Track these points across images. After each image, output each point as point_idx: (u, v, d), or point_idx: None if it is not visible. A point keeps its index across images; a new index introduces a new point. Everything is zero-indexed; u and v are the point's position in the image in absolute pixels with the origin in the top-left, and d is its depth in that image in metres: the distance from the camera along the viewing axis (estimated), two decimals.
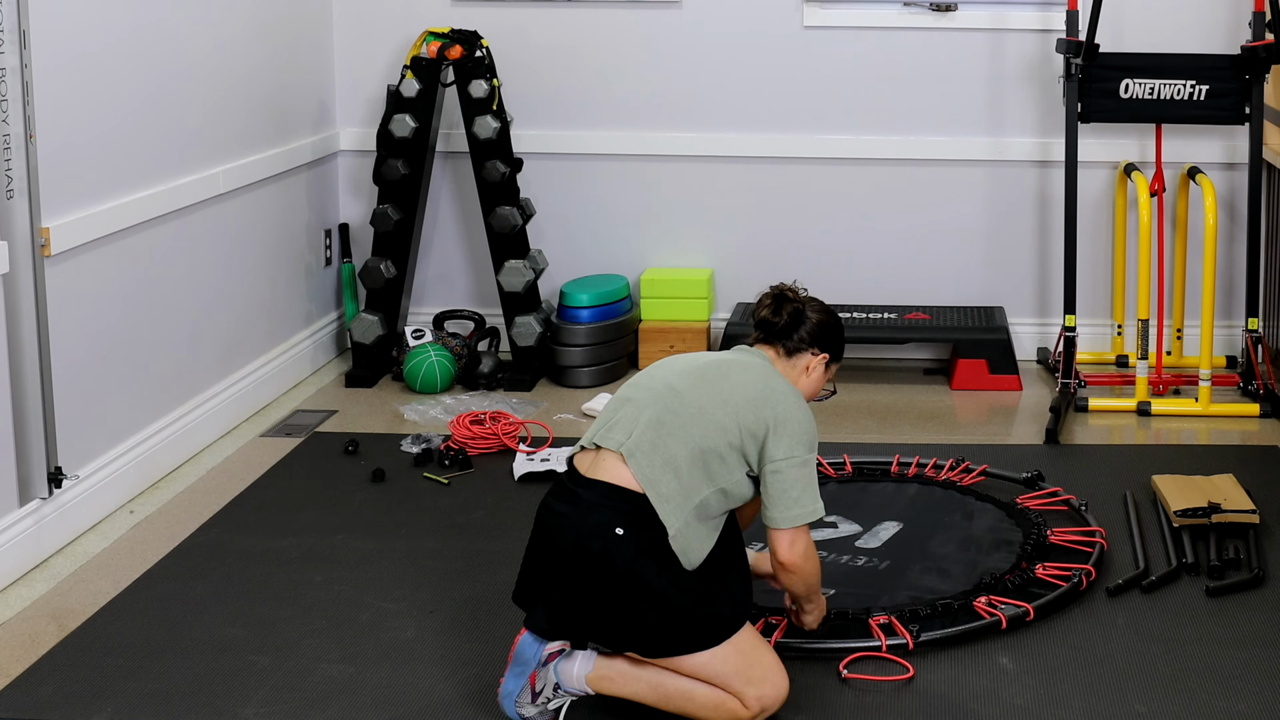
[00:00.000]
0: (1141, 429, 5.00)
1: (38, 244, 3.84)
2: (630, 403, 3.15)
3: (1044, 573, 3.70)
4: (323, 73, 5.78)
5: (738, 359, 3.23)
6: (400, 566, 3.86)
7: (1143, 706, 3.15)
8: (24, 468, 3.87)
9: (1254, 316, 5.24)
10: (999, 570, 3.74)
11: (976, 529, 4.04)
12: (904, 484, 4.36)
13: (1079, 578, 3.66)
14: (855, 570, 3.80)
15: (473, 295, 5.94)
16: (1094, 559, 3.79)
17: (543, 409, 5.18)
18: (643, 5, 5.75)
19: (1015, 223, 5.77)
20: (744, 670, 3.03)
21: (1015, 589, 3.63)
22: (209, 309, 4.85)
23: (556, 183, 5.85)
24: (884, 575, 3.77)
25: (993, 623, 3.47)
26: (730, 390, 3.11)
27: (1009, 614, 3.50)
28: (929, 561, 3.83)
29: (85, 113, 4.13)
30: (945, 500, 4.24)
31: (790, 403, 3.12)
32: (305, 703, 3.18)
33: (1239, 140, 5.53)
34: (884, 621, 3.45)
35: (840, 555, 3.88)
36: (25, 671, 3.31)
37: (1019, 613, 3.51)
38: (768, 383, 3.14)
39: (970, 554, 3.88)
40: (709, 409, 3.08)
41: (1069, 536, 3.92)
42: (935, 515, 4.14)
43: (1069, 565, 3.74)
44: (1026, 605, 3.53)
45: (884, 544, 3.95)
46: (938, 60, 5.69)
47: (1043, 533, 3.93)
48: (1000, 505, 4.16)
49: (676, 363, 3.23)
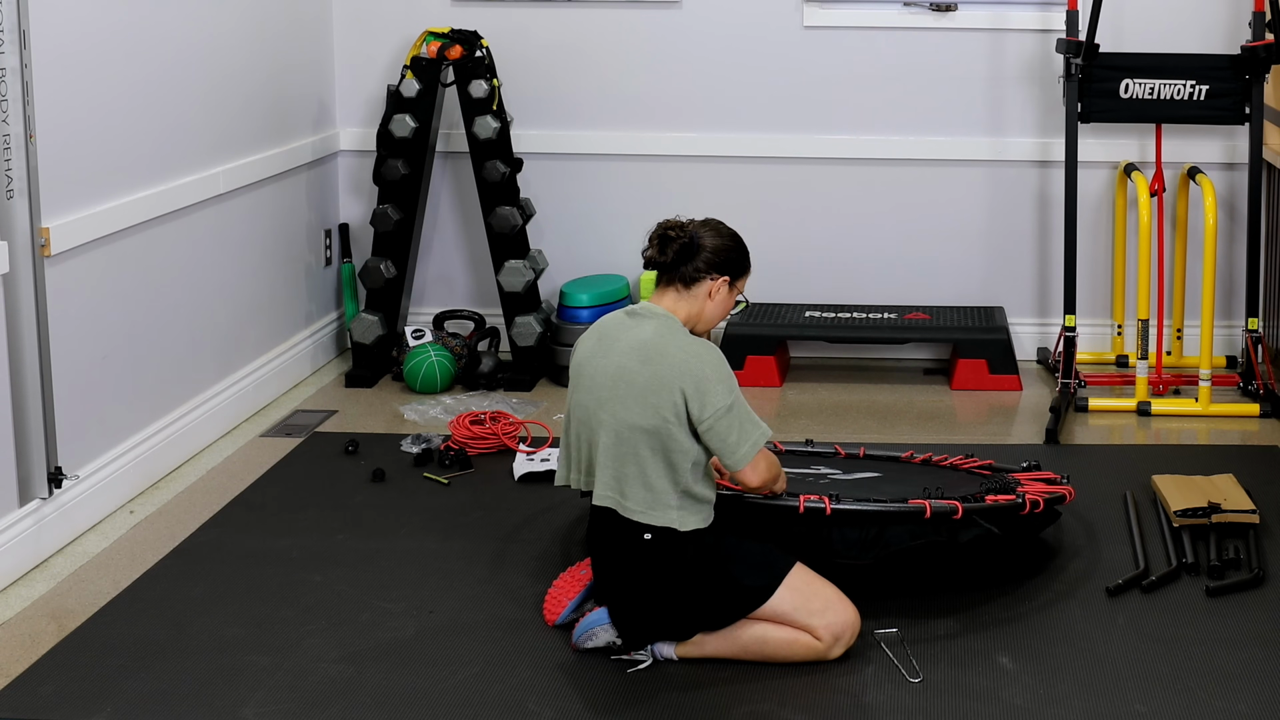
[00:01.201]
0: (1141, 429, 5.00)
1: (38, 244, 3.84)
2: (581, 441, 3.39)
3: (991, 500, 3.68)
4: (323, 73, 5.78)
5: (632, 343, 3.32)
6: (400, 566, 3.86)
7: (1143, 706, 3.15)
8: (24, 468, 3.87)
9: (1254, 316, 5.24)
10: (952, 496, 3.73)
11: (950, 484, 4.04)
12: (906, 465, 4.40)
13: (1022, 499, 3.65)
14: (817, 485, 3.90)
15: (473, 295, 5.94)
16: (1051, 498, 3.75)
17: (543, 409, 5.18)
18: (643, 5, 5.75)
19: (1015, 223, 5.77)
20: (804, 605, 3.28)
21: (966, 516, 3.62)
22: (209, 309, 4.85)
23: (556, 183, 5.85)
24: (837, 485, 3.86)
25: (916, 510, 3.49)
26: (642, 387, 3.27)
27: (937, 509, 3.51)
28: (887, 492, 3.83)
29: (85, 113, 4.13)
30: (936, 472, 4.27)
31: (688, 364, 3.27)
32: (305, 703, 3.18)
33: (1239, 140, 5.53)
34: (813, 499, 3.49)
35: (807, 478, 3.99)
36: (25, 671, 3.31)
37: (947, 509, 3.52)
38: (663, 356, 3.28)
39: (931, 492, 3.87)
40: (636, 415, 3.27)
41: (1038, 485, 3.89)
42: (918, 475, 4.15)
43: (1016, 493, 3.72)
44: (956, 503, 3.55)
45: (853, 480, 4.02)
46: (938, 60, 5.69)
47: (1013, 482, 3.92)
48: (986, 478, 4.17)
49: (596, 378, 3.35)
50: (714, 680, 3.26)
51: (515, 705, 3.16)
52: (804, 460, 4.26)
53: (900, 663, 3.31)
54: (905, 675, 3.27)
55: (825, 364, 5.71)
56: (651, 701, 3.18)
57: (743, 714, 3.14)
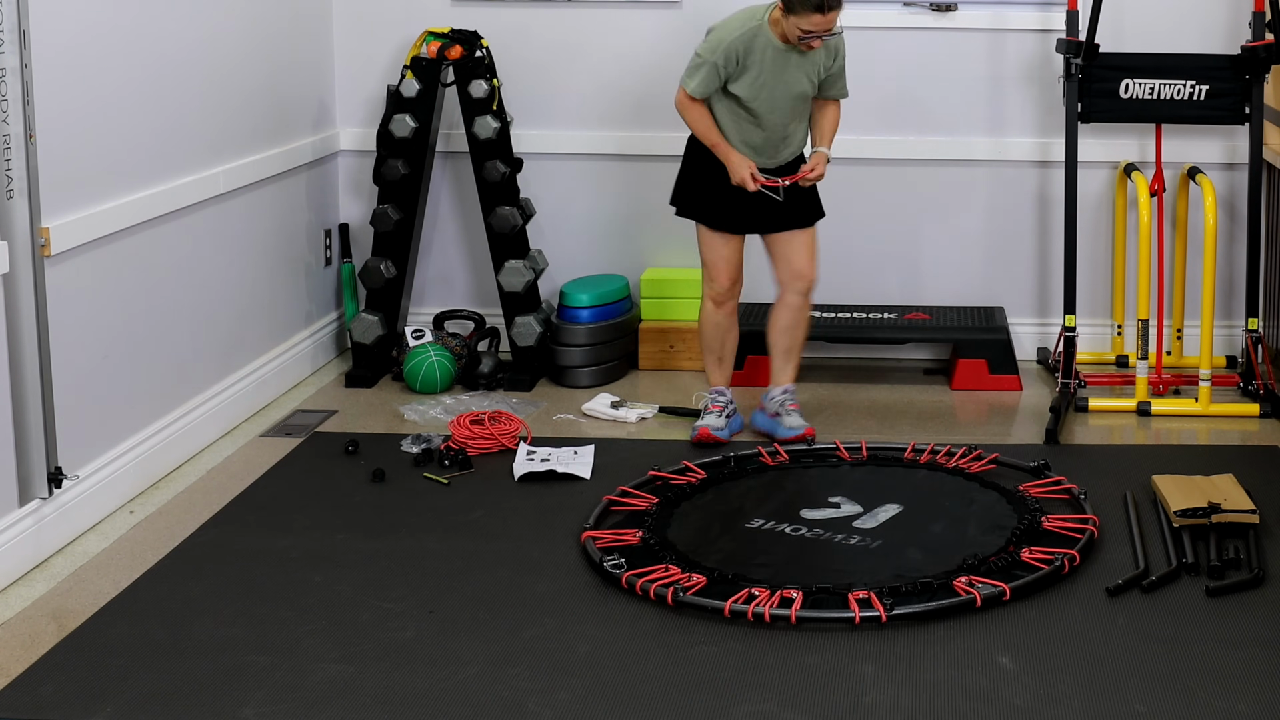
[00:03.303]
0: (1141, 429, 5.00)
1: (38, 244, 3.84)
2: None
3: (1029, 556, 3.78)
4: (323, 73, 5.78)
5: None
6: (400, 566, 3.86)
7: (1143, 706, 3.15)
8: (24, 468, 3.87)
9: (1254, 316, 5.24)
10: (985, 552, 3.80)
11: (973, 514, 4.11)
12: (914, 469, 4.45)
13: (1061, 561, 3.73)
14: (847, 549, 3.89)
15: (473, 295, 5.94)
16: (1081, 545, 3.84)
17: (543, 409, 5.18)
18: (643, 5, 5.75)
19: (1015, 223, 5.77)
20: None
21: (999, 570, 3.71)
22: (209, 309, 4.85)
23: (556, 183, 5.85)
24: (874, 554, 3.86)
25: (967, 601, 3.54)
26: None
27: (985, 593, 3.56)
28: (920, 543, 3.91)
29: (85, 113, 4.13)
30: (950, 486, 4.31)
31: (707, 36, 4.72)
32: (305, 703, 3.18)
33: (1239, 140, 5.53)
34: (862, 597, 3.54)
35: (835, 534, 3.98)
36: (25, 671, 3.31)
37: (995, 592, 3.57)
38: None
39: (961, 536, 3.95)
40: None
41: (1063, 523, 3.97)
42: (937, 500, 4.22)
43: (1055, 550, 3.80)
44: (1004, 585, 3.59)
45: (880, 525, 4.04)
46: (938, 60, 5.69)
47: (1037, 519, 4.00)
48: (1002, 492, 4.22)
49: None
50: (714, 680, 3.27)
51: (515, 705, 3.16)
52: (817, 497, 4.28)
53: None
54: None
55: (825, 364, 5.71)
56: (652, 701, 3.18)
57: (743, 714, 3.14)
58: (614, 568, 3.76)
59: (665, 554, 3.85)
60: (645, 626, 3.52)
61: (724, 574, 3.70)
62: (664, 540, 3.94)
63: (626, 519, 4.14)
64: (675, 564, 3.79)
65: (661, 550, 3.88)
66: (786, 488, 4.38)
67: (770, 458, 4.58)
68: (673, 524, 4.08)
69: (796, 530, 4.04)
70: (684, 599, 3.60)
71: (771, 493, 4.33)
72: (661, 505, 4.19)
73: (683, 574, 3.71)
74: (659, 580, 3.68)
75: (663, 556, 3.84)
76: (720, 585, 3.67)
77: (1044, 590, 3.68)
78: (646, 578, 3.70)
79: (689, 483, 4.37)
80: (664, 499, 4.23)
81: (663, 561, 3.81)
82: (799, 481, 4.43)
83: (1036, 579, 3.68)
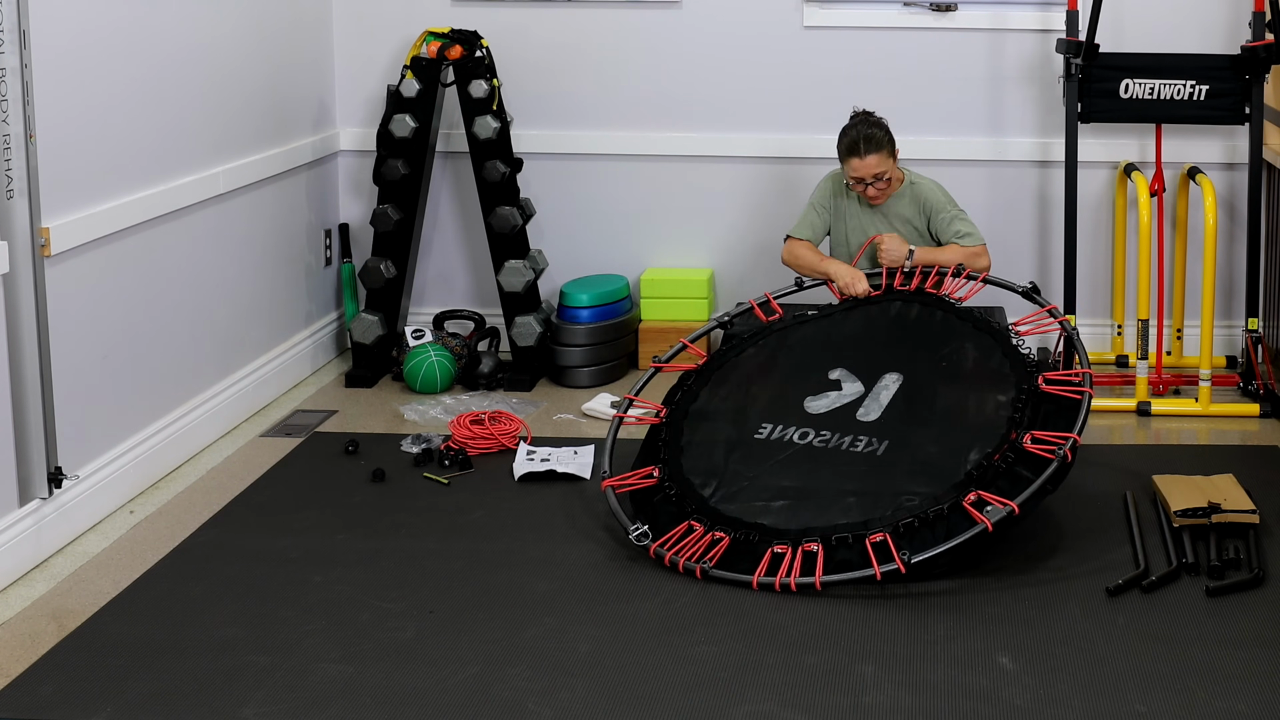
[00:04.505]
0: (1141, 429, 5.00)
1: (38, 244, 3.84)
2: None
3: (1031, 446, 3.86)
4: (323, 73, 5.78)
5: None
6: (400, 566, 3.86)
7: (1143, 706, 3.15)
8: (24, 468, 3.87)
9: (1254, 316, 5.24)
10: (987, 449, 3.88)
11: (972, 379, 4.19)
12: (906, 305, 4.54)
13: (1064, 451, 3.82)
14: (858, 463, 4.00)
15: (473, 295, 5.94)
16: (1078, 426, 3.92)
17: (543, 409, 5.18)
18: (643, 5, 5.75)
19: (1015, 223, 5.77)
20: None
21: (1004, 473, 3.82)
22: (209, 309, 4.85)
23: (556, 183, 5.85)
24: (882, 467, 3.96)
25: (979, 531, 3.67)
26: None
27: (995, 518, 3.67)
28: (925, 440, 4.00)
29: (85, 113, 4.13)
30: (944, 332, 4.39)
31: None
32: (305, 703, 3.18)
33: (1239, 140, 5.53)
34: (879, 540, 3.66)
35: (842, 438, 4.10)
36: (25, 671, 3.31)
37: (1004, 513, 3.69)
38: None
39: (963, 418, 4.05)
40: None
41: (1059, 388, 4.05)
42: (933, 364, 4.28)
43: (1054, 436, 3.88)
44: (1011, 504, 3.71)
45: (883, 413, 4.15)
46: (938, 60, 5.69)
47: (1034, 382, 4.09)
48: (996, 338, 4.32)
49: None
50: (714, 680, 3.27)
51: (515, 705, 3.17)
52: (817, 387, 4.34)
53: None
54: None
55: None
56: (652, 701, 3.18)
57: (743, 714, 3.14)
58: (639, 538, 3.83)
59: (688, 506, 3.91)
60: (645, 626, 3.52)
61: (747, 535, 3.77)
62: (680, 476, 4.00)
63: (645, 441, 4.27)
64: (696, 518, 3.86)
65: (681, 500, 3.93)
66: (786, 364, 4.43)
67: (762, 311, 4.64)
68: (685, 452, 4.12)
69: (805, 436, 4.12)
70: (711, 573, 3.71)
71: (771, 374, 4.39)
72: (671, 417, 4.26)
73: (705, 533, 3.79)
74: (685, 549, 3.78)
75: (685, 508, 3.91)
76: (744, 546, 3.75)
77: (1044, 586, 3.69)
78: (674, 549, 3.79)
79: (691, 370, 4.44)
80: (673, 409, 4.30)
81: (685, 518, 3.88)
82: (798, 353, 4.47)
83: (1042, 486, 3.76)
